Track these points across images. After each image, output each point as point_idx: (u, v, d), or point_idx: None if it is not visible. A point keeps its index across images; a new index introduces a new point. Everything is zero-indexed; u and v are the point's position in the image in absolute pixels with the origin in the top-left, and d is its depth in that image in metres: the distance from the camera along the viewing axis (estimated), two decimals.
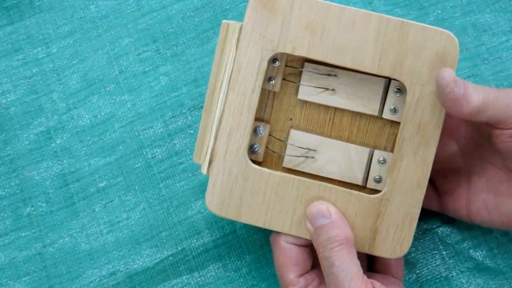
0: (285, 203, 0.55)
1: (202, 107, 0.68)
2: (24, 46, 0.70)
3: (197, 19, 0.71)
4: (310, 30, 0.55)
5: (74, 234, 0.64)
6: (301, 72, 0.58)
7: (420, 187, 0.54)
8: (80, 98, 0.68)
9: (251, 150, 0.58)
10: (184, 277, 0.62)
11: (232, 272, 0.63)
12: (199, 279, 0.62)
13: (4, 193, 0.66)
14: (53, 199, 0.65)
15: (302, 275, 0.56)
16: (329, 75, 0.57)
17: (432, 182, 0.61)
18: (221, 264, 0.63)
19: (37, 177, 0.66)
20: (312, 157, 0.57)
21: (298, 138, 0.57)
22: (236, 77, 0.56)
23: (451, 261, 0.62)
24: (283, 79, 0.58)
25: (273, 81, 0.58)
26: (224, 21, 0.57)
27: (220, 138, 0.56)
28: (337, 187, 0.55)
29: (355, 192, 0.55)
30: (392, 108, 0.57)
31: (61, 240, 0.64)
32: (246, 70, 0.56)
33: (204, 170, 0.57)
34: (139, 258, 0.63)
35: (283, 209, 0.55)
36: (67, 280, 0.62)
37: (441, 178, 0.60)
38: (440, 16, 0.69)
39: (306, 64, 0.58)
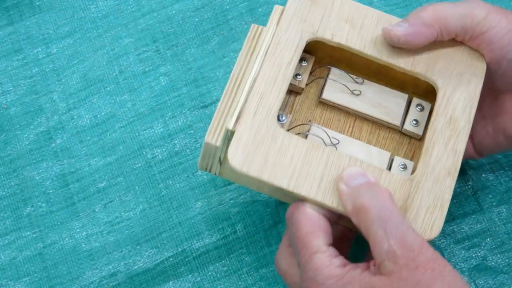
0: (313, 169, 0.52)
1: (202, 107, 0.68)
2: (24, 46, 0.70)
3: (197, 19, 0.71)
4: (350, 23, 0.56)
5: (74, 234, 0.64)
6: (327, 74, 0.58)
7: (451, 176, 0.53)
8: (80, 98, 0.68)
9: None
10: (184, 278, 0.62)
11: (233, 273, 0.63)
12: (200, 280, 0.62)
13: (4, 193, 0.66)
14: (53, 199, 0.65)
15: (330, 245, 0.51)
16: (355, 82, 0.58)
17: None
18: (221, 265, 0.63)
19: (37, 177, 0.66)
20: (336, 144, 0.56)
21: (319, 133, 0.57)
22: (273, 51, 0.55)
23: (451, 261, 0.63)
24: (310, 73, 0.58)
25: (299, 77, 0.58)
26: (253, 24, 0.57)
27: (250, 99, 0.54)
28: (368, 162, 0.54)
29: (386, 171, 0.54)
30: (414, 120, 0.57)
31: (62, 241, 0.64)
32: (284, 46, 0.55)
33: (230, 125, 0.53)
34: (139, 259, 0.63)
35: (310, 175, 0.52)
36: (67, 281, 0.62)
37: None
38: None
39: (332, 68, 0.58)
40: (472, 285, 0.62)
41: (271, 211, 0.64)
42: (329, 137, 0.56)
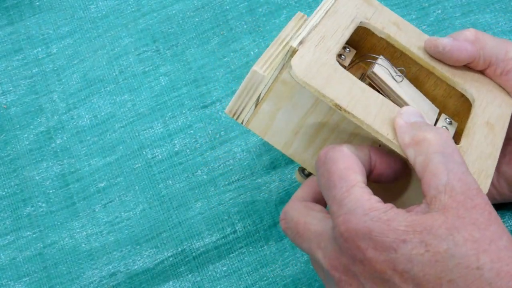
0: (370, 101, 0.51)
1: (202, 107, 0.68)
2: (24, 46, 0.70)
3: (197, 19, 0.71)
4: (397, 26, 0.57)
5: (74, 234, 0.64)
6: (376, 60, 0.58)
7: (492, 159, 0.52)
8: (80, 98, 0.68)
9: None
10: (184, 278, 0.62)
11: (233, 273, 0.63)
12: (200, 279, 0.62)
13: (4, 193, 0.66)
14: (53, 199, 0.65)
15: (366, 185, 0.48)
16: (398, 75, 0.57)
17: None
18: (221, 265, 0.63)
19: (37, 177, 0.66)
20: (400, 79, 0.56)
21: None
22: (332, 13, 0.55)
23: None
24: (352, 62, 0.58)
25: (343, 57, 0.58)
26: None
27: (313, 35, 0.52)
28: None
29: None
30: (444, 127, 0.57)
31: (61, 241, 0.64)
32: (342, 15, 0.55)
33: (295, 43, 0.51)
34: (139, 258, 0.63)
35: (367, 105, 0.51)
36: (67, 281, 0.62)
37: None
38: (440, 16, 0.70)
39: (379, 59, 0.58)
40: None
41: (271, 211, 0.64)
42: (391, 74, 0.56)
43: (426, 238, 0.44)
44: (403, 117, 0.50)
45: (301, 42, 0.51)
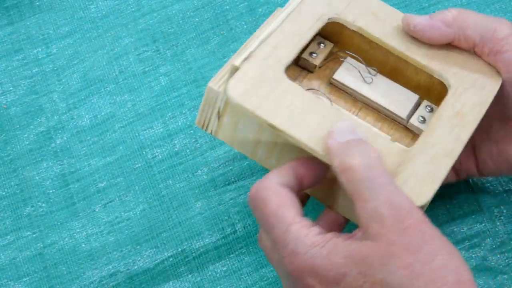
0: (310, 116, 0.51)
1: None
2: (24, 46, 0.70)
3: (197, 19, 0.71)
4: (375, 15, 0.57)
5: (74, 234, 0.64)
6: (344, 59, 0.58)
7: (450, 158, 0.51)
8: (80, 98, 0.69)
9: None
10: (184, 278, 0.62)
11: (233, 273, 0.63)
12: (200, 280, 0.62)
13: (4, 193, 0.66)
14: (53, 199, 0.65)
15: (303, 216, 0.48)
16: (369, 73, 0.57)
17: None
18: (221, 265, 0.63)
19: (37, 177, 0.66)
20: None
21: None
22: (295, 16, 0.55)
23: None
24: (327, 59, 0.58)
25: (314, 55, 0.58)
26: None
27: (263, 47, 0.53)
28: (368, 125, 0.53)
29: (384, 135, 0.53)
30: (421, 117, 0.56)
31: (61, 241, 0.64)
32: (306, 16, 0.55)
33: (238, 61, 0.52)
34: (139, 259, 0.63)
35: (305, 120, 0.50)
36: (67, 281, 0.62)
37: None
38: None
39: (349, 56, 0.58)
40: None
41: None
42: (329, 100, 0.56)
43: (363, 269, 0.45)
44: (334, 136, 0.49)
45: (246, 58, 0.52)
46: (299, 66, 0.59)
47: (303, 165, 0.50)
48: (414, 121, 0.56)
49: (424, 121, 0.56)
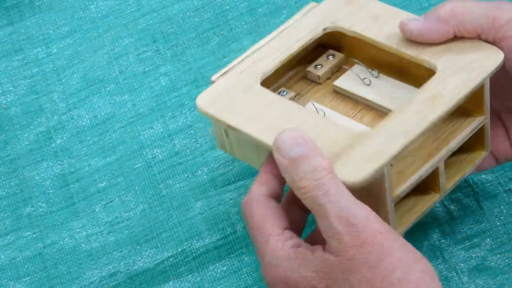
0: (270, 115, 0.52)
1: None
2: (24, 46, 0.70)
3: (197, 19, 0.71)
4: (375, 18, 0.57)
5: (74, 234, 0.64)
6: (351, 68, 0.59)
7: (404, 137, 0.50)
8: (80, 98, 0.69)
9: None
10: (184, 278, 0.62)
11: (233, 273, 0.63)
12: (200, 280, 0.62)
13: (4, 193, 0.66)
14: (53, 199, 0.65)
15: (285, 229, 0.49)
16: (372, 75, 0.58)
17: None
18: (221, 265, 0.63)
19: (37, 177, 0.66)
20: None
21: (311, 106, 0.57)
22: (289, 31, 0.57)
23: (451, 261, 0.63)
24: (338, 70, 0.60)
25: (319, 67, 0.59)
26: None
27: (245, 62, 0.55)
28: (330, 111, 0.55)
29: (346, 118, 0.55)
30: None
31: (61, 241, 0.64)
32: (300, 29, 0.57)
33: (214, 77, 0.55)
34: (139, 259, 0.63)
35: (264, 119, 0.52)
36: (67, 281, 0.62)
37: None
38: None
39: (356, 64, 0.59)
40: (472, 285, 0.62)
41: None
42: (315, 107, 0.56)
43: (328, 283, 0.45)
44: (281, 152, 0.48)
45: (223, 74, 0.55)
46: (308, 80, 0.60)
47: (273, 163, 0.50)
48: None
49: None
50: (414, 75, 0.57)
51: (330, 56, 0.60)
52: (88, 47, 0.70)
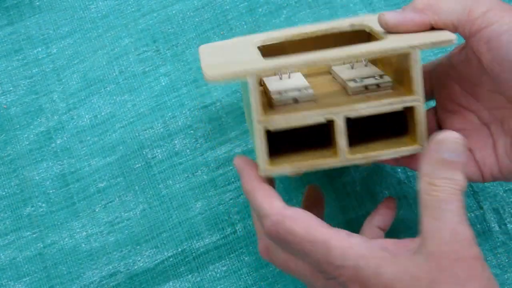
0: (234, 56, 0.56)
1: (202, 107, 0.68)
2: (24, 46, 0.70)
3: (197, 19, 0.71)
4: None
5: (74, 234, 0.64)
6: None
7: (280, 62, 0.51)
8: (80, 98, 0.69)
9: None
10: (184, 278, 0.62)
11: (233, 273, 0.63)
12: (200, 280, 0.62)
13: (4, 193, 0.66)
14: (53, 199, 0.65)
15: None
16: (365, 65, 0.59)
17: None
18: (221, 265, 0.63)
19: (37, 177, 0.66)
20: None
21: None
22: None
23: None
24: None
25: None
26: None
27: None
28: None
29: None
30: (358, 79, 0.56)
31: (62, 241, 0.64)
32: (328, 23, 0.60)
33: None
34: (139, 259, 0.63)
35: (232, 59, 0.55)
36: (67, 281, 0.62)
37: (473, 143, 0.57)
38: None
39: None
40: None
41: None
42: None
43: None
44: (438, 150, 0.47)
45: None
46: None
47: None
48: (351, 83, 0.55)
49: (359, 82, 0.55)
50: (394, 66, 0.57)
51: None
52: (88, 47, 0.70)
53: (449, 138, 0.47)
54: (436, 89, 0.58)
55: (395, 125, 0.55)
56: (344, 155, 0.51)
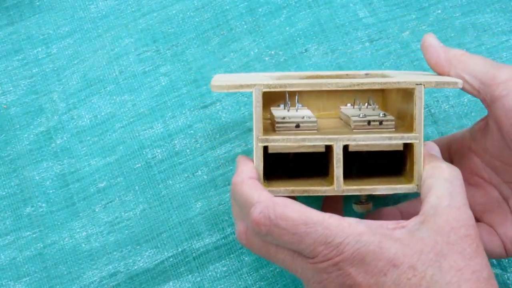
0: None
1: (202, 107, 0.68)
2: (24, 46, 0.70)
3: (197, 19, 0.71)
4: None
5: (74, 234, 0.64)
6: None
7: (280, 80, 0.54)
8: (80, 98, 0.69)
9: None
10: (184, 278, 0.62)
11: (233, 273, 0.63)
12: (200, 280, 0.62)
13: (4, 193, 0.66)
14: (53, 199, 0.65)
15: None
16: (373, 109, 0.59)
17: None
18: (221, 265, 0.63)
19: (37, 177, 0.66)
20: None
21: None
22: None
23: None
24: None
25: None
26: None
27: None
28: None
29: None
30: (363, 114, 0.57)
31: (62, 241, 0.64)
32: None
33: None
34: (139, 259, 0.63)
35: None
36: (67, 281, 0.62)
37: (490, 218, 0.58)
38: (440, 16, 0.70)
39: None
40: None
41: None
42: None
43: (414, 263, 0.46)
44: (425, 147, 0.52)
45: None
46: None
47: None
48: (354, 117, 0.56)
49: (362, 117, 0.56)
50: (394, 103, 0.59)
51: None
52: (88, 47, 0.70)
53: (431, 143, 0.53)
54: (456, 160, 0.58)
55: (395, 168, 0.56)
56: (339, 184, 0.52)
